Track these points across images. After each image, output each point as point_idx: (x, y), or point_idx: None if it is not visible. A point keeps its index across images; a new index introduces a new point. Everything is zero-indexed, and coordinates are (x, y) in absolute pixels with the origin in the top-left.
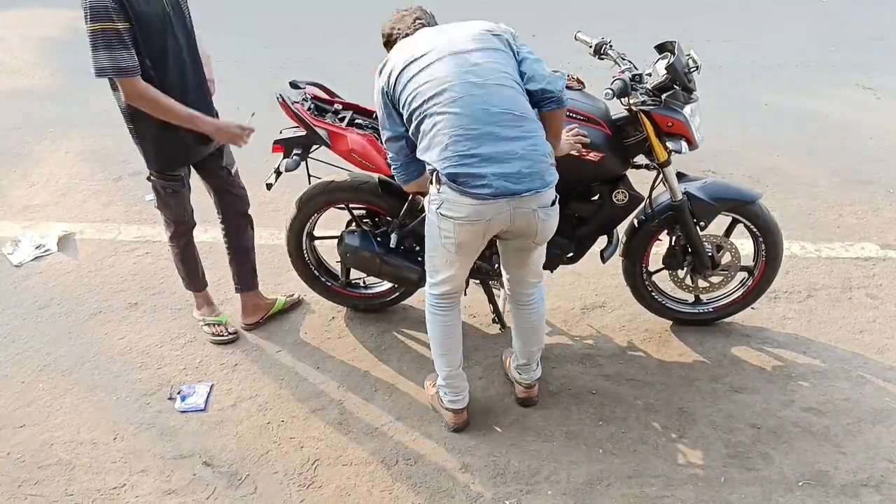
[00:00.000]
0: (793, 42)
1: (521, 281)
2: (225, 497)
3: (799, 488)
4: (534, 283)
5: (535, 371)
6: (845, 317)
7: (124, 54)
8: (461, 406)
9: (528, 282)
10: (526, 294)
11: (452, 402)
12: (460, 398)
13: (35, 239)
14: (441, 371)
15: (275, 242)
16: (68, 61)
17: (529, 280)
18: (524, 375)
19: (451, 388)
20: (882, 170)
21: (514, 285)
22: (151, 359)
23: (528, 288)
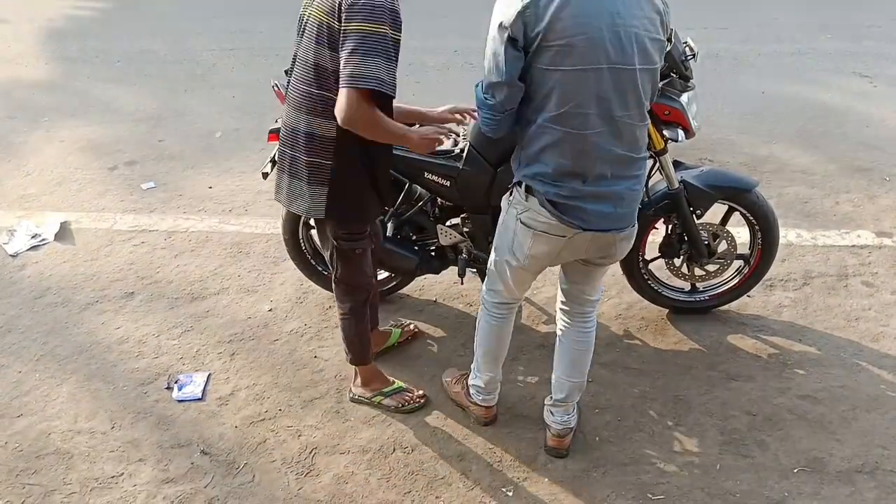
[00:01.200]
0: (790, 30)
1: (578, 296)
2: (223, 485)
3: (794, 475)
4: (592, 300)
5: (571, 416)
6: (841, 305)
7: (394, 71)
8: (492, 403)
9: (585, 298)
10: (581, 311)
11: (484, 399)
12: (493, 396)
13: (31, 228)
14: (483, 374)
15: (271, 231)
16: (63, 50)
17: (588, 297)
18: (557, 418)
19: (488, 390)
20: (878, 157)
21: (570, 299)
22: (148, 348)
23: (585, 305)
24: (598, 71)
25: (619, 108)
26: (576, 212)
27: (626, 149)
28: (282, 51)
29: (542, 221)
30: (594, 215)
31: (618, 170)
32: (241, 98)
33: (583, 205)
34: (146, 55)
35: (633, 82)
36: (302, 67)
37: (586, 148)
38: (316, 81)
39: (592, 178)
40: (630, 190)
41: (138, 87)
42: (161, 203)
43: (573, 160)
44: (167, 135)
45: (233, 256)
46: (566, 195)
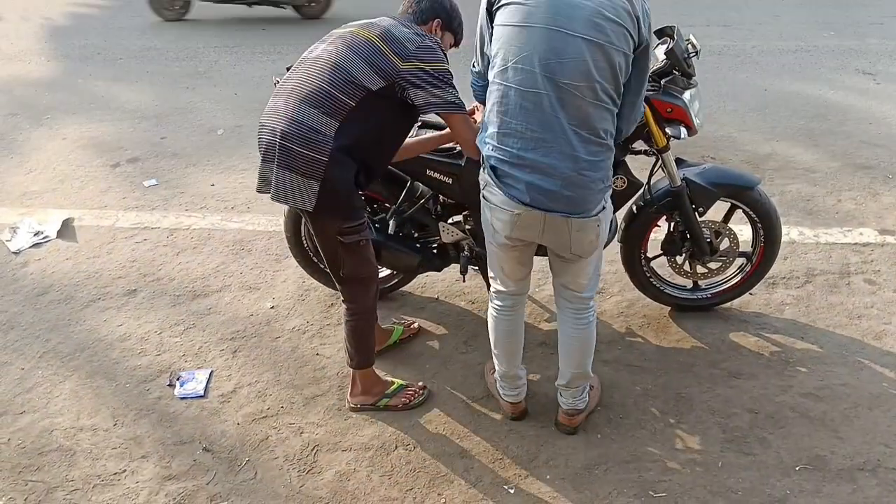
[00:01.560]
0: (792, 27)
1: (563, 291)
2: (225, 482)
3: (796, 473)
4: (580, 296)
5: (578, 399)
6: (843, 302)
7: None
8: (518, 399)
9: (571, 293)
10: (568, 304)
11: (508, 395)
12: (516, 393)
13: (33, 225)
14: (498, 368)
15: (273, 229)
16: (65, 48)
17: (573, 291)
18: (566, 399)
19: (508, 385)
20: (881, 155)
21: (557, 294)
22: (151, 345)
23: (572, 300)
24: (538, 29)
25: (561, 75)
26: (511, 180)
27: (575, 124)
28: (283, 48)
29: (493, 193)
30: (532, 189)
31: (563, 144)
32: (243, 95)
33: (519, 174)
34: (148, 52)
35: (577, 50)
36: (326, 68)
37: (527, 105)
38: (340, 86)
39: (532, 141)
40: (579, 174)
41: (140, 85)
42: (163, 200)
43: (514, 117)
44: (169, 132)
45: (235, 254)
46: (504, 158)
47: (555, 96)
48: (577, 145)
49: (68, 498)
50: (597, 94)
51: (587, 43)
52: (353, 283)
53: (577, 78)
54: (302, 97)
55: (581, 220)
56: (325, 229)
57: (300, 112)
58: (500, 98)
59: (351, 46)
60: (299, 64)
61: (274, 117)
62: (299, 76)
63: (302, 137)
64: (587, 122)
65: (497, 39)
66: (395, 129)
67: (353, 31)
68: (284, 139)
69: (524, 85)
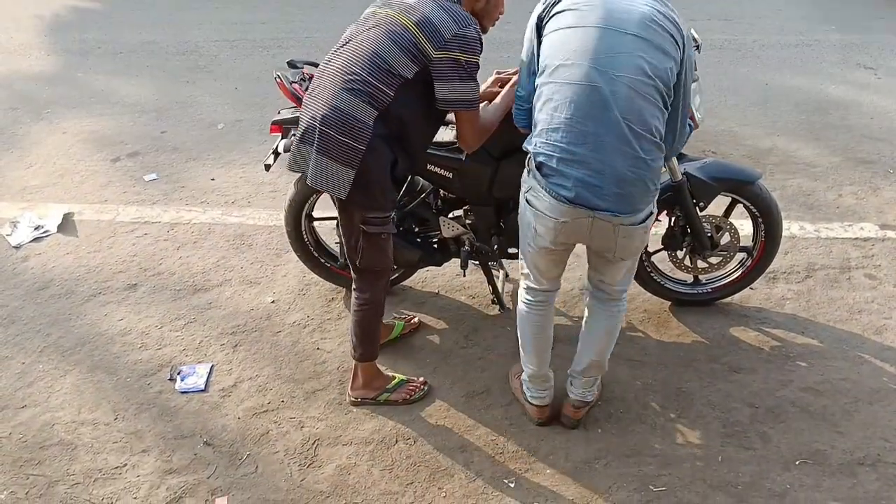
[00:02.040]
0: (793, 21)
1: (598, 284)
2: (226, 476)
3: (796, 467)
4: (615, 290)
5: (588, 391)
6: (843, 297)
7: None
8: (545, 403)
9: (607, 286)
10: (603, 294)
11: (534, 398)
12: (544, 395)
13: (33, 220)
14: (526, 368)
15: (273, 223)
16: (64, 42)
17: (609, 285)
18: (576, 390)
19: (535, 387)
20: (882, 149)
21: (592, 285)
22: (151, 340)
23: (606, 290)
24: (591, 29)
25: (615, 68)
26: (559, 178)
27: (629, 118)
28: (284, 42)
29: (538, 198)
30: (579, 185)
31: (615, 138)
32: (243, 90)
33: (567, 169)
34: (148, 46)
35: (631, 46)
36: (365, 55)
37: (578, 99)
38: (378, 75)
39: (581, 135)
40: (629, 171)
41: (140, 79)
42: (163, 195)
43: (563, 111)
44: (169, 126)
45: (235, 248)
46: (552, 153)
47: (608, 89)
48: (631, 140)
49: (69, 492)
50: (650, 90)
51: (641, 41)
52: (367, 273)
53: (631, 71)
54: (342, 84)
55: (629, 227)
56: (352, 217)
57: (340, 99)
58: (549, 96)
59: (389, 34)
60: (340, 48)
61: (315, 101)
62: (341, 62)
63: (341, 124)
64: (641, 117)
65: (548, 47)
66: (433, 117)
67: (392, 16)
68: (324, 125)
69: (574, 79)
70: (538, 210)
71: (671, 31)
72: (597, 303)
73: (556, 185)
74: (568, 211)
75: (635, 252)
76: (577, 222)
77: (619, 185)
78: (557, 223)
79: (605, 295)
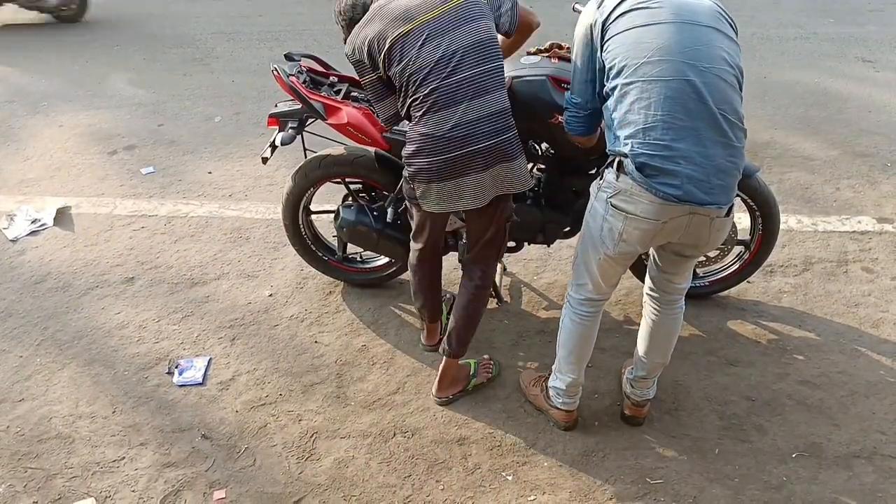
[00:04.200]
0: (792, 14)
1: (667, 285)
2: (224, 469)
3: (792, 460)
4: (681, 288)
5: (651, 389)
6: (841, 290)
7: None
8: (574, 408)
9: (674, 287)
10: (669, 297)
11: (565, 403)
12: (574, 400)
13: (30, 213)
14: (565, 376)
15: (271, 217)
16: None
17: (677, 285)
18: (637, 391)
19: (570, 394)
20: (880, 143)
21: (658, 287)
22: (149, 333)
23: (673, 293)
24: (668, 24)
25: (703, 60)
26: (665, 177)
27: (724, 108)
28: (281, 35)
29: (636, 203)
30: (686, 179)
31: (713, 130)
32: (240, 83)
33: (672, 167)
34: (145, 39)
35: (710, 38)
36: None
37: (673, 95)
38: (488, 56)
39: (681, 130)
40: (727, 161)
41: (137, 72)
42: (161, 188)
43: (659, 108)
44: (166, 120)
45: (233, 241)
46: (654, 153)
47: (700, 81)
48: (727, 130)
49: (67, 485)
50: (732, 78)
51: (716, 32)
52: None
53: (718, 62)
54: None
55: (723, 219)
56: (505, 206)
57: (486, 104)
58: (638, 95)
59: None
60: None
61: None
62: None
63: (501, 125)
64: (733, 105)
65: (620, 46)
66: None
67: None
68: (486, 139)
69: (666, 75)
70: (633, 214)
71: (731, 23)
72: (660, 306)
73: (663, 184)
74: (670, 210)
75: (719, 243)
76: (676, 221)
77: (720, 177)
78: (657, 224)
79: (670, 297)
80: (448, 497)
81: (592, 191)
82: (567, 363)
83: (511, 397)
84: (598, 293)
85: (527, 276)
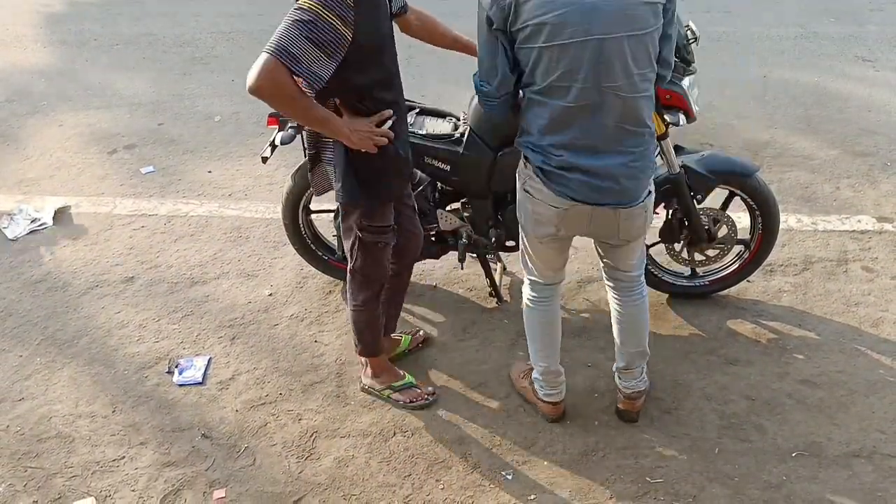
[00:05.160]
0: (792, 13)
1: (612, 272)
2: (224, 468)
3: (792, 459)
4: (631, 275)
5: (639, 380)
6: (840, 290)
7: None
8: (559, 399)
9: (622, 273)
10: (622, 284)
11: (548, 395)
12: (557, 392)
13: (30, 212)
14: (537, 366)
15: (270, 216)
16: (61, 34)
17: (624, 272)
18: (625, 382)
19: (548, 383)
20: (880, 142)
21: (607, 274)
22: (149, 332)
23: (623, 280)
24: (579, 44)
25: (604, 79)
26: (562, 181)
27: (618, 121)
28: None
29: (538, 189)
30: (583, 187)
31: (609, 143)
32: (240, 82)
33: (569, 175)
34: (145, 39)
35: (619, 51)
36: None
37: (570, 120)
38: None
39: (581, 150)
40: (626, 167)
41: (137, 71)
42: (160, 187)
43: (560, 132)
44: (166, 119)
45: (232, 241)
46: (554, 165)
47: (597, 103)
48: (626, 140)
49: (67, 484)
50: (637, 85)
51: (629, 39)
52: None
53: (620, 78)
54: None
55: (628, 209)
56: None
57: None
58: (540, 113)
59: None
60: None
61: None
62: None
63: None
64: (632, 115)
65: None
66: None
67: None
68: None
69: (566, 101)
70: (538, 199)
71: None
72: (618, 294)
73: (560, 184)
74: (567, 201)
75: (638, 232)
76: (577, 210)
77: (619, 183)
78: (560, 210)
79: (623, 284)
80: (448, 496)
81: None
82: (534, 351)
83: (511, 397)
84: (542, 277)
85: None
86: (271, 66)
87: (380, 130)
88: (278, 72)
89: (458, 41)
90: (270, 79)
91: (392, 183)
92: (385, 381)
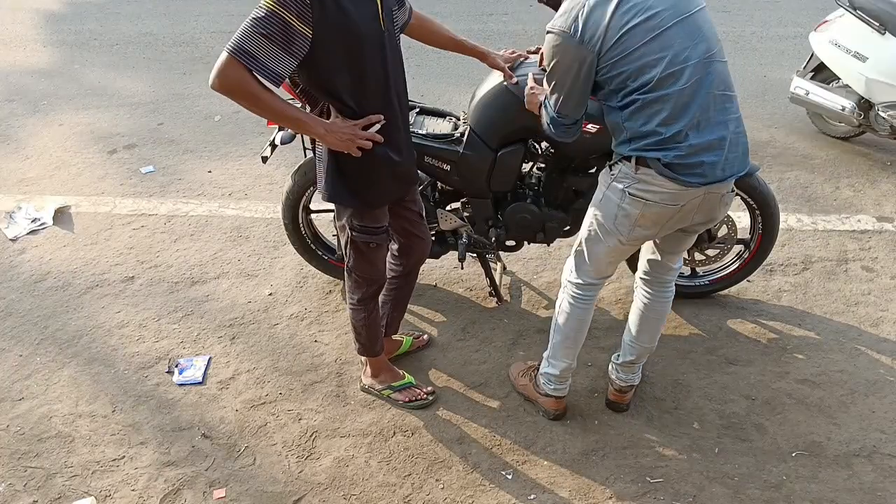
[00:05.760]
0: (791, 12)
1: (664, 265)
2: (224, 468)
3: (792, 458)
4: (675, 269)
5: (636, 375)
6: (840, 289)
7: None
8: (564, 394)
9: (670, 268)
10: (662, 281)
11: (557, 390)
12: (565, 387)
13: (30, 212)
14: (559, 362)
15: (271, 216)
16: (60, 34)
17: (672, 266)
18: (623, 376)
19: (562, 380)
20: (880, 142)
21: (654, 269)
22: (149, 332)
23: (667, 274)
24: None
25: (706, 50)
26: (690, 169)
27: (721, 89)
28: None
29: (655, 192)
30: (709, 167)
31: (719, 114)
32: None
33: (694, 160)
34: (144, 38)
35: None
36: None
37: (689, 101)
38: None
39: (703, 128)
40: (735, 133)
41: (137, 71)
42: (160, 187)
43: (682, 116)
44: (166, 118)
45: (232, 241)
46: (684, 153)
47: (706, 77)
48: (728, 107)
49: (67, 484)
50: (722, 49)
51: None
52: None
53: (712, 45)
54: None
55: (730, 195)
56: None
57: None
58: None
59: None
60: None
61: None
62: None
63: None
64: (727, 79)
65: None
66: None
67: None
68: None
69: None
70: (652, 201)
71: None
72: (652, 289)
73: (689, 174)
74: (689, 193)
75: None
76: (691, 203)
77: (733, 150)
78: (675, 208)
79: (664, 278)
80: (448, 496)
81: (603, 180)
82: (563, 348)
83: (511, 396)
84: (598, 277)
85: (526, 276)
86: (227, 63)
87: (364, 133)
88: (234, 69)
89: (458, 43)
90: (226, 76)
91: (381, 187)
92: (385, 381)
